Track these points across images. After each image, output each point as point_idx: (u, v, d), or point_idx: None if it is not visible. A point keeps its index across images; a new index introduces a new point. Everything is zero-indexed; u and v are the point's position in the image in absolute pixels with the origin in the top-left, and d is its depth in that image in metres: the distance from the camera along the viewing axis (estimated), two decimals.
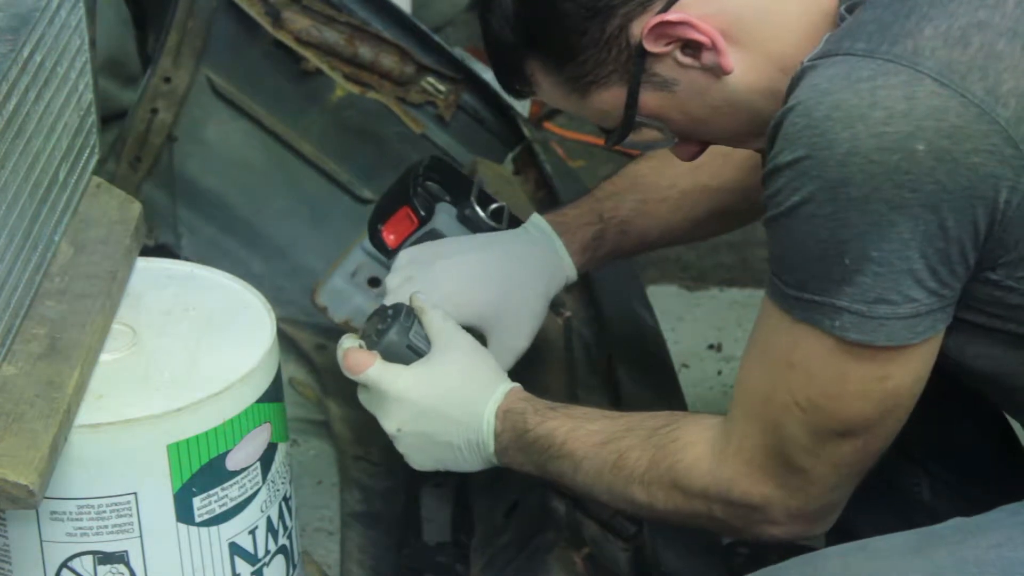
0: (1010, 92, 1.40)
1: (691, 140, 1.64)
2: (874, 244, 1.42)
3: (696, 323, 2.75)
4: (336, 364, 2.42)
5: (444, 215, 2.00)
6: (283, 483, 1.72)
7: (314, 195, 2.56)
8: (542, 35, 1.57)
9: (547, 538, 1.81)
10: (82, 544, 1.60)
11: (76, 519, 1.59)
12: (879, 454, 1.55)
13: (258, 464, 1.67)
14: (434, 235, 1.99)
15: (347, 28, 2.49)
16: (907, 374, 1.49)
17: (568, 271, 1.97)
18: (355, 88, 2.49)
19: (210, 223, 2.58)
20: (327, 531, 2.18)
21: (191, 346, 1.69)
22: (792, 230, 1.45)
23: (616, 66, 1.56)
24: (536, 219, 1.98)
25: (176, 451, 1.59)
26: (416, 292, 1.83)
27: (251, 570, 1.69)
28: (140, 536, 1.61)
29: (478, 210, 2.01)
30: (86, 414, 1.58)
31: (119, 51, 2.58)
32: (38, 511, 1.57)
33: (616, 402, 2.03)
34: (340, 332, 2.34)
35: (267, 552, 1.71)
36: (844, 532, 1.64)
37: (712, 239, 2.88)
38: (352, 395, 2.37)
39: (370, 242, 2.07)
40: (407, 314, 1.79)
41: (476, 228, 2.01)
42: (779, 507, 1.56)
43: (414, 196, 2.01)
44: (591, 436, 1.68)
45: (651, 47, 1.53)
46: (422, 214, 2.00)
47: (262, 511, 1.69)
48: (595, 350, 2.15)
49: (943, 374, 1.54)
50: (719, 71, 1.53)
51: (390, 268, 1.96)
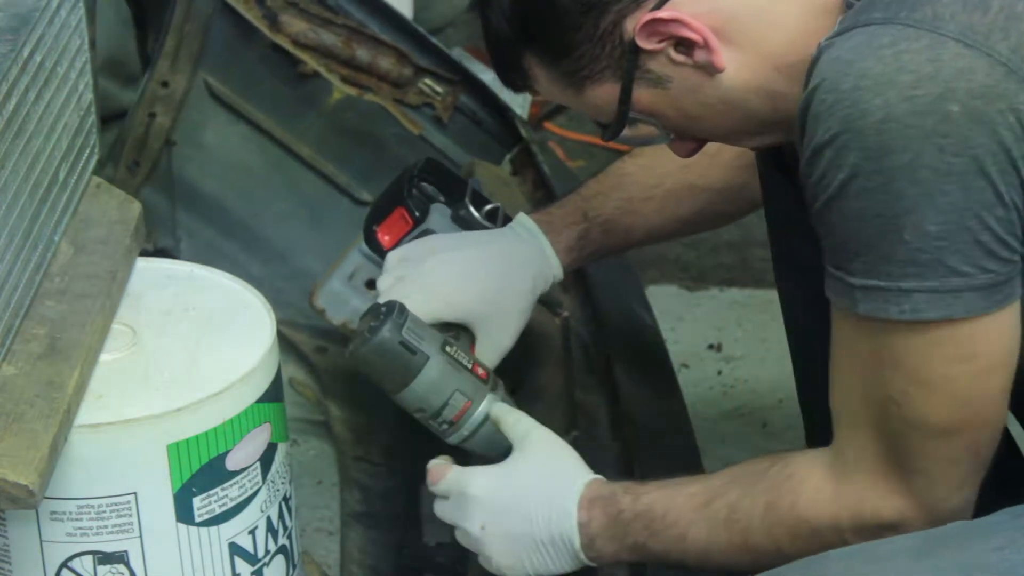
0: None
1: (687, 137, 1.64)
2: (930, 217, 1.40)
3: (696, 323, 2.75)
4: (335, 366, 2.44)
5: (438, 215, 2.01)
6: (283, 483, 1.72)
7: (313, 197, 2.56)
8: (538, 30, 1.58)
9: None
10: (82, 544, 1.60)
11: (76, 519, 1.59)
12: (992, 445, 1.52)
13: (258, 464, 1.67)
14: (429, 235, 1.99)
15: (344, 30, 2.49)
16: (993, 349, 1.46)
17: (555, 270, 1.97)
18: (353, 90, 2.49)
19: (209, 226, 2.58)
20: (327, 531, 2.18)
21: (191, 346, 1.69)
22: (846, 211, 1.43)
23: (610, 62, 1.56)
24: (523, 218, 1.99)
25: (176, 451, 1.59)
26: (496, 399, 1.80)
27: (251, 570, 1.69)
28: (140, 536, 1.61)
29: (472, 210, 2.01)
30: (86, 414, 1.58)
31: (119, 51, 2.58)
32: (38, 511, 1.57)
33: (614, 402, 2.03)
34: (340, 334, 2.36)
35: (267, 552, 1.70)
36: None
37: (712, 239, 2.91)
38: (352, 397, 2.39)
39: (365, 244, 2.07)
40: (400, 311, 1.78)
41: (470, 228, 2.01)
42: (912, 518, 1.52)
43: (408, 197, 2.01)
44: (691, 500, 1.62)
45: (644, 44, 1.54)
46: (417, 215, 2.01)
47: (262, 511, 1.69)
48: (593, 350, 2.14)
49: None
50: (712, 69, 1.53)
51: None
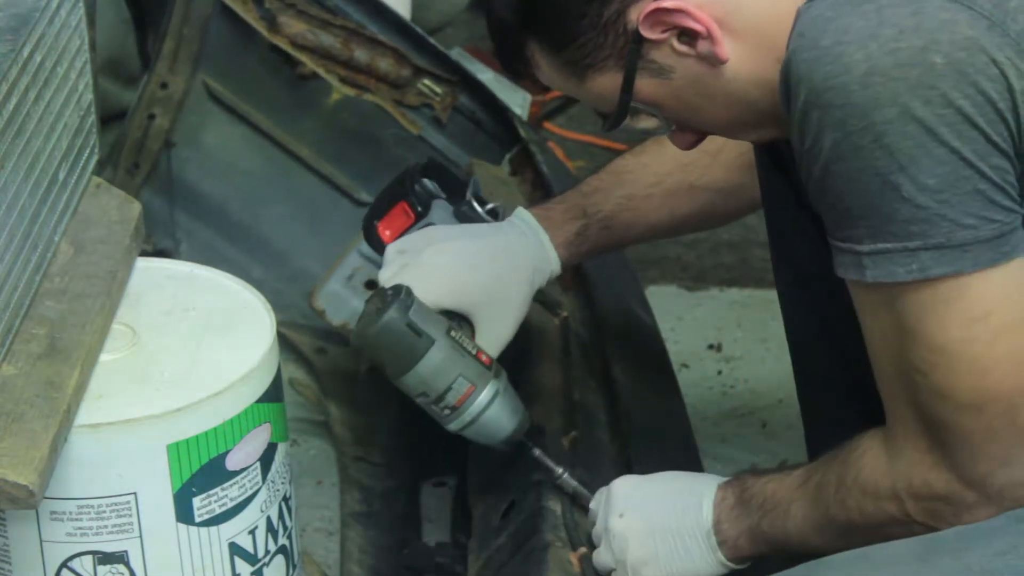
0: (1018, 7, 1.39)
1: (688, 129, 1.64)
2: (926, 169, 1.40)
3: (696, 323, 2.74)
4: (336, 367, 2.44)
5: (441, 211, 2.00)
6: (283, 483, 1.72)
7: (312, 199, 2.56)
8: (542, 17, 1.58)
9: (543, 539, 1.80)
10: (82, 544, 1.60)
11: (76, 519, 1.59)
12: None
13: (258, 464, 1.67)
14: (428, 227, 1.99)
15: (343, 31, 2.49)
16: (1007, 305, 1.45)
17: (553, 264, 1.97)
18: (351, 91, 2.49)
19: (208, 228, 2.58)
20: (327, 531, 2.18)
21: (191, 346, 1.69)
22: (844, 173, 1.43)
23: (613, 51, 1.56)
24: (522, 212, 1.99)
25: (176, 451, 1.59)
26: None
27: (251, 570, 1.69)
28: (140, 536, 1.61)
29: (475, 205, 2.01)
30: (86, 414, 1.58)
31: (119, 51, 2.58)
32: (38, 511, 1.57)
33: (613, 402, 2.03)
34: (340, 335, 2.37)
35: (267, 552, 1.70)
36: None
37: (712, 239, 2.90)
38: (352, 397, 2.39)
39: (365, 239, 2.06)
40: (407, 294, 1.80)
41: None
42: (960, 492, 1.50)
43: (411, 192, 2.01)
44: (795, 480, 1.64)
45: (647, 33, 1.53)
46: (419, 209, 2.00)
47: (262, 511, 1.69)
48: (592, 350, 2.14)
49: None
50: (715, 60, 1.53)
51: None
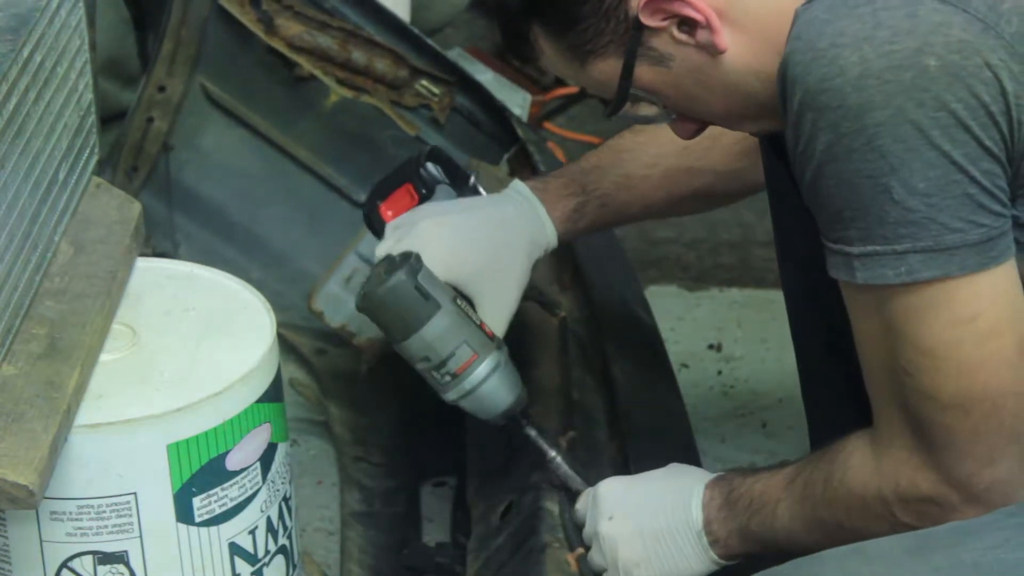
0: (1011, 10, 1.40)
1: (688, 118, 1.64)
2: (918, 173, 1.41)
3: (696, 323, 2.74)
4: (336, 368, 2.43)
5: (444, 195, 2.00)
6: (283, 483, 1.72)
7: (311, 200, 2.56)
8: (545, 2, 1.58)
9: (541, 540, 1.81)
10: (82, 544, 1.60)
11: (76, 519, 1.59)
12: (1018, 414, 1.49)
13: (258, 464, 1.67)
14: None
15: (340, 33, 2.48)
16: (994, 309, 1.45)
17: (550, 237, 1.97)
18: (349, 93, 2.49)
19: (207, 230, 2.58)
20: (327, 531, 2.18)
21: (191, 346, 1.69)
22: (836, 175, 1.44)
23: (614, 37, 1.56)
24: (518, 185, 1.99)
25: (176, 451, 1.59)
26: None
27: (251, 570, 1.69)
28: (140, 536, 1.61)
29: (481, 190, 2.01)
30: (86, 414, 1.58)
31: (119, 51, 2.58)
32: (38, 511, 1.57)
33: (612, 402, 2.03)
34: (339, 336, 2.37)
35: (267, 552, 1.70)
36: None
37: (712, 239, 2.90)
38: (352, 397, 2.39)
39: (365, 221, 2.05)
40: (416, 259, 1.81)
41: None
42: (946, 493, 1.51)
43: (416, 175, 2.01)
44: (783, 479, 1.64)
45: (647, 21, 1.54)
46: (423, 191, 2.00)
47: (262, 511, 1.69)
48: (591, 350, 2.14)
49: None
50: (713, 50, 1.54)
51: None
